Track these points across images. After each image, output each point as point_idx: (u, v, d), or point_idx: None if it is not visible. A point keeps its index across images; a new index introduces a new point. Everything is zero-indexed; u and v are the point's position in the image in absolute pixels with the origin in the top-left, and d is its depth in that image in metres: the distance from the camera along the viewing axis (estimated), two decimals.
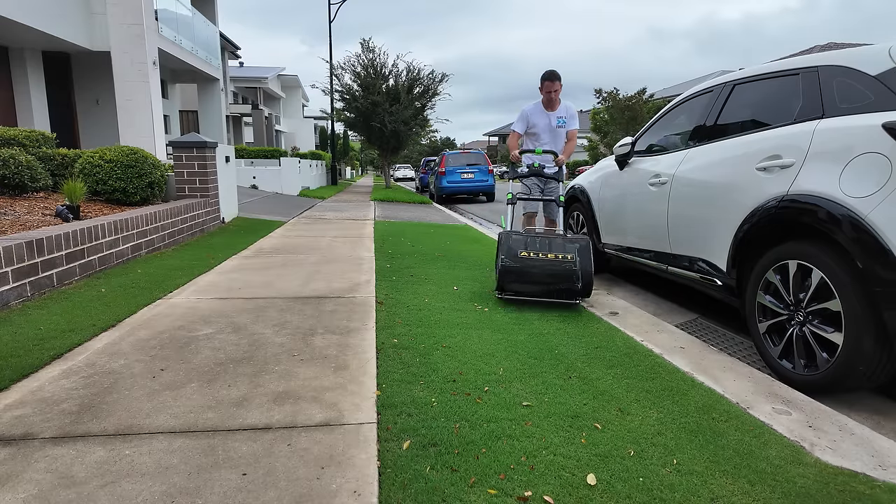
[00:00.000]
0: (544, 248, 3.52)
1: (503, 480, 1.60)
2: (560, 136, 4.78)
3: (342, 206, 11.87)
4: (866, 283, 2.18)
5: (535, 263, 3.44)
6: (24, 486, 1.51)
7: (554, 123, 4.73)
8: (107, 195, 5.89)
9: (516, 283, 3.50)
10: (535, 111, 4.77)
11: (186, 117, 22.20)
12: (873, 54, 2.47)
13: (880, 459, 1.80)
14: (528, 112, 4.79)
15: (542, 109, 4.76)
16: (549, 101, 4.71)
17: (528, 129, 4.80)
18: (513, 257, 3.46)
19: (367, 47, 17.92)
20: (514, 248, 3.51)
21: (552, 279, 3.42)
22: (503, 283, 3.52)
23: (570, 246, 3.52)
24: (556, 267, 3.42)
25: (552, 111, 4.74)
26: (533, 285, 3.48)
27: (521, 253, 3.47)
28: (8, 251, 3.16)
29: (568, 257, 3.44)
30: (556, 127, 4.75)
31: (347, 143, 40.68)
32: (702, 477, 1.65)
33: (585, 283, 3.43)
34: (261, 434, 1.82)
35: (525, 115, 4.80)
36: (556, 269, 3.42)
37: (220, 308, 3.31)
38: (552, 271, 3.42)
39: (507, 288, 3.54)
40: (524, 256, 3.46)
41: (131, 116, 10.53)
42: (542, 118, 4.74)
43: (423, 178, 22.45)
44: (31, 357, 2.44)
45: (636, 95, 27.70)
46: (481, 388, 2.25)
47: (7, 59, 10.52)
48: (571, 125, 4.82)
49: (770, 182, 2.69)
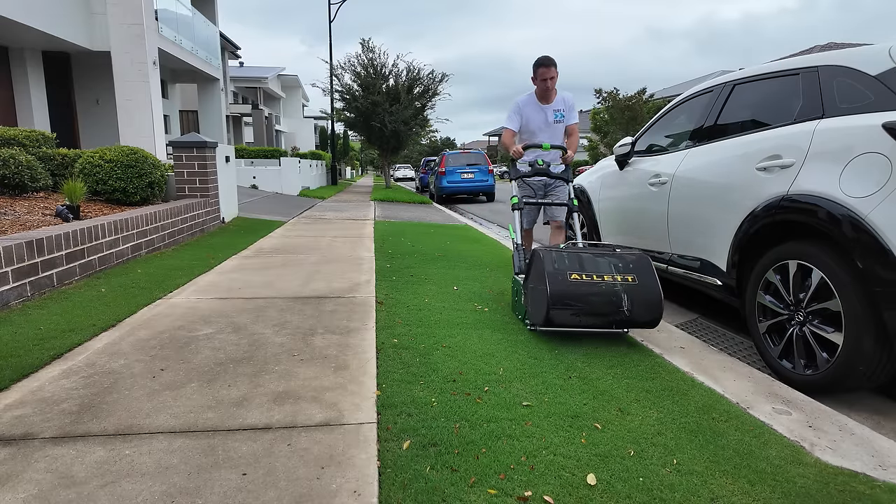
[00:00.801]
0: (596, 268, 2.83)
1: (503, 480, 1.60)
2: (558, 132, 4.13)
3: (342, 205, 11.87)
4: (866, 283, 2.18)
5: (591, 289, 2.74)
6: (24, 486, 1.51)
7: (551, 118, 4.10)
8: (107, 195, 5.89)
9: (569, 314, 2.75)
10: (529, 104, 4.09)
11: (186, 117, 22.20)
12: (873, 54, 2.47)
13: (880, 459, 1.80)
14: (521, 105, 4.11)
15: (536, 102, 4.09)
16: (544, 92, 4.03)
17: (523, 126, 4.14)
18: (563, 282, 2.74)
19: (367, 47, 17.93)
20: (562, 269, 2.80)
21: (612, 308, 2.73)
22: (552, 316, 2.73)
23: (626, 263, 2.87)
24: (616, 292, 2.74)
25: (548, 104, 4.08)
26: (589, 316, 2.76)
27: (571, 276, 2.77)
28: (8, 251, 3.16)
29: (629, 279, 2.78)
30: (554, 122, 4.10)
31: (347, 143, 40.68)
32: (702, 477, 1.65)
33: (653, 310, 2.77)
34: (261, 434, 1.82)
35: (518, 108, 4.11)
36: (616, 294, 2.74)
37: (220, 308, 3.31)
38: (613, 298, 2.73)
39: (558, 321, 2.76)
40: (576, 280, 2.76)
41: (131, 116, 10.53)
42: (538, 113, 4.09)
43: (423, 178, 22.45)
44: (31, 357, 2.44)
45: (636, 95, 27.69)
46: (481, 387, 2.25)
47: (7, 58, 10.52)
48: (571, 118, 4.16)
49: (770, 182, 2.69)
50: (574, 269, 2.81)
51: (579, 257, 2.90)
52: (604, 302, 2.73)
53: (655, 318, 2.79)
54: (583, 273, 2.80)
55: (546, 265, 2.81)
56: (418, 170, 27.71)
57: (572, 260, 2.87)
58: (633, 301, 2.73)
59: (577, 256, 2.90)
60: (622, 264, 2.86)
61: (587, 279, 2.77)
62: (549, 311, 2.73)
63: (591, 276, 2.78)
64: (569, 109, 4.14)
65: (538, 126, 4.10)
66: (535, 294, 2.89)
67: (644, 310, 2.75)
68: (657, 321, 2.80)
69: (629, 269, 2.83)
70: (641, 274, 2.82)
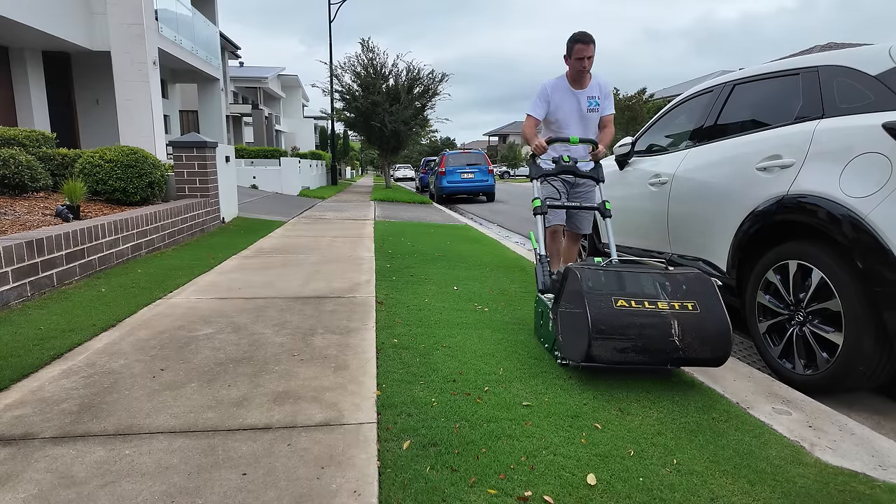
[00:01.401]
0: (647, 291, 2.29)
1: (503, 480, 1.60)
2: (591, 123, 3.54)
3: (342, 205, 11.87)
4: (866, 283, 2.18)
5: (643, 319, 2.19)
6: (24, 486, 1.51)
7: (584, 106, 3.48)
8: (107, 195, 5.89)
9: (616, 349, 2.18)
10: (559, 89, 3.49)
11: (186, 117, 22.20)
12: (873, 54, 2.47)
13: (880, 459, 1.80)
14: (549, 90, 3.50)
15: (567, 87, 3.48)
16: (578, 75, 3.42)
17: (550, 115, 3.52)
18: (607, 310, 2.20)
19: (366, 47, 17.94)
20: (606, 293, 2.26)
21: (669, 343, 2.18)
22: (595, 351, 2.18)
23: (683, 285, 2.33)
24: (673, 323, 2.20)
25: (581, 89, 3.47)
26: (640, 353, 2.20)
27: (618, 302, 2.23)
28: (8, 251, 3.16)
29: (688, 306, 2.24)
30: (588, 111, 3.50)
31: (347, 143, 40.70)
32: (702, 477, 1.65)
33: (720, 346, 2.20)
34: (261, 434, 1.81)
35: (545, 93, 3.50)
36: (674, 326, 2.20)
37: (220, 308, 3.31)
38: (670, 330, 2.18)
39: (601, 357, 2.19)
40: (623, 308, 2.21)
41: (131, 116, 10.53)
42: (569, 100, 3.47)
43: (423, 178, 22.46)
44: (31, 357, 2.44)
45: (636, 95, 27.72)
46: (481, 387, 2.25)
47: (7, 58, 10.52)
48: (607, 108, 3.59)
49: (770, 182, 2.69)
50: (620, 292, 2.27)
51: (624, 277, 2.36)
52: (659, 335, 2.18)
53: (722, 356, 2.23)
54: (631, 298, 2.26)
55: (584, 286, 2.27)
56: (418, 170, 27.72)
57: (616, 280, 2.33)
58: (695, 334, 2.19)
59: (622, 276, 2.36)
60: (678, 287, 2.32)
61: (637, 307, 2.23)
62: (592, 345, 2.16)
63: (643, 302, 2.25)
64: (604, 97, 3.57)
65: (568, 114, 3.50)
66: (570, 321, 2.35)
67: (708, 345, 2.19)
68: (724, 359, 2.25)
69: (687, 294, 2.29)
70: (704, 299, 2.27)
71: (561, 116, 3.51)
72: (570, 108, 3.49)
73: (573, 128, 3.51)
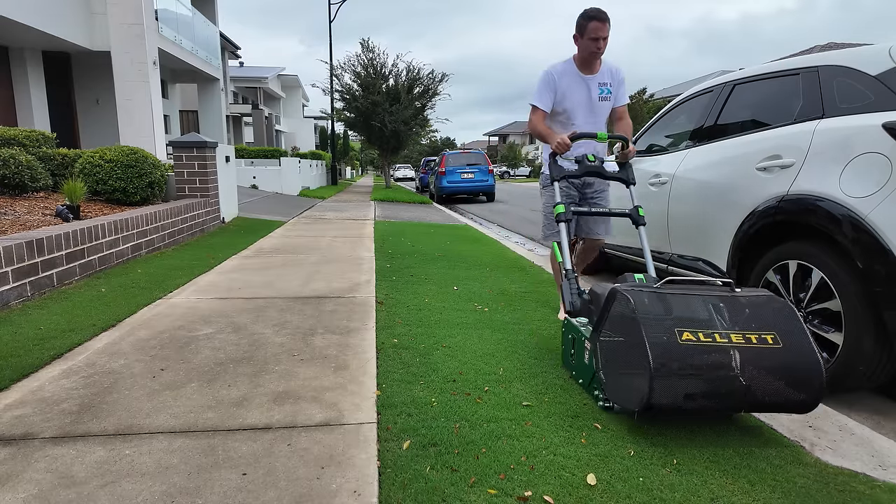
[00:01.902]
0: (714, 319, 1.85)
1: (503, 480, 1.60)
2: (602, 114, 3.09)
3: (342, 205, 11.87)
4: (866, 283, 2.18)
5: (717, 357, 1.76)
6: (24, 486, 1.51)
7: (595, 94, 3.02)
8: (107, 195, 5.89)
9: (683, 394, 1.74)
10: (567, 74, 3.00)
11: (186, 117, 22.20)
12: (873, 54, 2.47)
13: (880, 459, 1.80)
14: (555, 76, 3.00)
15: (576, 71, 3.00)
16: (590, 58, 2.95)
17: (556, 104, 3.04)
18: (671, 345, 1.76)
19: (367, 47, 17.95)
20: (667, 323, 1.82)
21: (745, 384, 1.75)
22: (659, 397, 1.72)
23: (758, 313, 1.89)
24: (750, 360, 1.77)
25: (591, 74, 3.01)
26: (711, 398, 1.76)
27: (683, 335, 1.78)
28: (8, 251, 3.16)
29: (767, 339, 1.81)
30: (599, 99, 3.04)
31: (347, 143, 40.71)
32: (702, 477, 1.65)
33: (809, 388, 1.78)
34: (261, 434, 1.82)
35: (551, 80, 3.00)
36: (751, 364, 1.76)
37: (220, 308, 3.31)
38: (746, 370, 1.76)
39: (664, 404, 1.73)
40: (690, 343, 1.77)
41: (131, 116, 10.53)
42: (578, 87, 3.00)
43: (423, 178, 22.47)
44: (32, 357, 2.44)
45: (636, 95, 27.75)
46: (481, 387, 2.25)
47: (7, 58, 10.52)
48: (621, 98, 3.13)
49: (770, 182, 2.69)
50: (683, 321, 1.83)
51: (684, 302, 1.91)
52: (733, 376, 1.75)
53: (811, 400, 1.79)
54: (698, 330, 1.81)
55: (639, 313, 1.83)
56: (418, 170, 27.73)
57: (675, 306, 1.89)
58: (778, 374, 1.76)
59: (681, 301, 1.91)
60: (751, 314, 1.88)
61: (707, 340, 1.78)
62: (654, 390, 1.71)
63: (713, 334, 1.79)
64: (617, 85, 3.09)
65: (577, 103, 3.03)
66: (617, 356, 1.94)
67: (794, 387, 1.77)
68: (815, 404, 1.81)
69: (763, 323, 1.86)
70: (784, 329, 1.84)
71: (568, 106, 3.03)
72: (579, 96, 3.02)
73: (580, 119, 3.05)
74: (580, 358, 2.29)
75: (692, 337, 1.79)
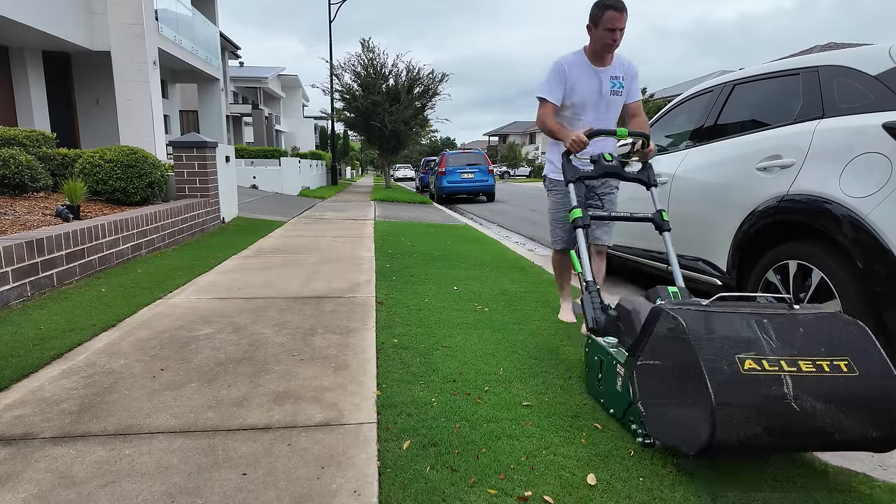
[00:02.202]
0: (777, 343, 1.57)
1: (503, 480, 1.60)
2: (613, 109, 2.88)
3: (342, 205, 11.87)
4: (866, 283, 2.18)
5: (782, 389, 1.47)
6: (24, 486, 1.51)
7: (606, 87, 2.82)
8: (107, 195, 5.89)
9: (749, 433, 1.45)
10: (577, 65, 2.80)
11: (186, 117, 22.21)
12: (873, 54, 2.47)
13: (880, 459, 1.80)
14: (565, 68, 2.79)
15: (587, 63, 2.80)
16: (603, 50, 2.74)
17: (565, 98, 2.83)
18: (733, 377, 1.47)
19: (367, 47, 17.95)
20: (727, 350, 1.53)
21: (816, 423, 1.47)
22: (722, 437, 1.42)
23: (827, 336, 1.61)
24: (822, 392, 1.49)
25: (603, 67, 2.81)
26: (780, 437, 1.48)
27: (745, 363, 1.50)
28: (8, 251, 3.16)
29: (841, 365, 1.53)
30: (611, 93, 2.84)
31: (347, 143, 40.72)
32: (702, 477, 1.65)
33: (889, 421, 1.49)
34: (261, 434, 1.81)
35: (561, 72, 2.79)
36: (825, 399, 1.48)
37: (220, 308, 3.31)
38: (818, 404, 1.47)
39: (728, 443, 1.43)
40: (753, 372, 1.49)
41: (131, 116, 10.53)
42: (589, 79, 2.80)
43: (423, 178, 22.47)
44: (32, 357, 2.44)
45: None
46: (481, 387, 2.25)
47: (7, 58, 10.52)
48: (634, 94, 2.92)
49: (770, 182, 2.70)
50: (741, 346, 1.55)
51: (742, 323, 1.63)
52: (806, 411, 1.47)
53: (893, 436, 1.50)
54: (761, 357, 1.53)
55: (692, 337, 1.54)
56: (418, 170, 27.73)
57: (732, 328, 1.61)
58: (852, 407, 1.49)
59: (737, 321, 1.63)
60: (818, 336, 1.61)
61: (772, 369, 1.50)
62: (717, 430, 1.42)
63: (778, 362, 1.52)
64: (630, 80, 2.89)
65: (587, 97, 2.83)
66: (666, 388, 1.66)
67: (871, 422, 1.49)
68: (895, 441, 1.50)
69: (834, 346, 1.58)
70: (859, 353, 1.57)
71: (577, 99, 2.82)
72: (590, 89, 2.81)
73: (590, 115, 2.85)
74: (610, 384, 2.00)
75: (755, 365, 1.50)
